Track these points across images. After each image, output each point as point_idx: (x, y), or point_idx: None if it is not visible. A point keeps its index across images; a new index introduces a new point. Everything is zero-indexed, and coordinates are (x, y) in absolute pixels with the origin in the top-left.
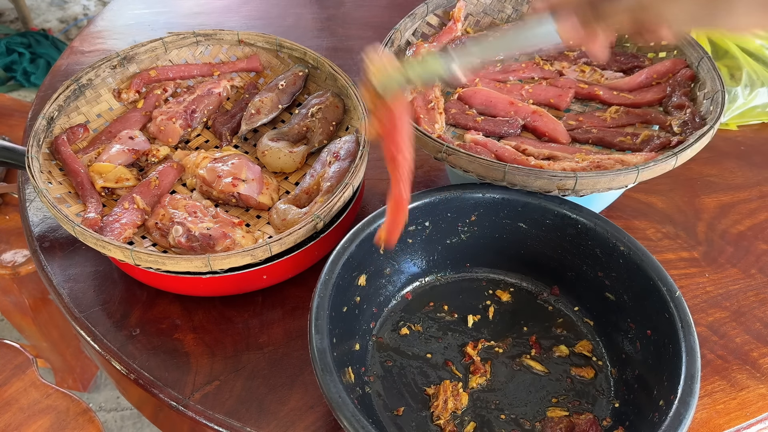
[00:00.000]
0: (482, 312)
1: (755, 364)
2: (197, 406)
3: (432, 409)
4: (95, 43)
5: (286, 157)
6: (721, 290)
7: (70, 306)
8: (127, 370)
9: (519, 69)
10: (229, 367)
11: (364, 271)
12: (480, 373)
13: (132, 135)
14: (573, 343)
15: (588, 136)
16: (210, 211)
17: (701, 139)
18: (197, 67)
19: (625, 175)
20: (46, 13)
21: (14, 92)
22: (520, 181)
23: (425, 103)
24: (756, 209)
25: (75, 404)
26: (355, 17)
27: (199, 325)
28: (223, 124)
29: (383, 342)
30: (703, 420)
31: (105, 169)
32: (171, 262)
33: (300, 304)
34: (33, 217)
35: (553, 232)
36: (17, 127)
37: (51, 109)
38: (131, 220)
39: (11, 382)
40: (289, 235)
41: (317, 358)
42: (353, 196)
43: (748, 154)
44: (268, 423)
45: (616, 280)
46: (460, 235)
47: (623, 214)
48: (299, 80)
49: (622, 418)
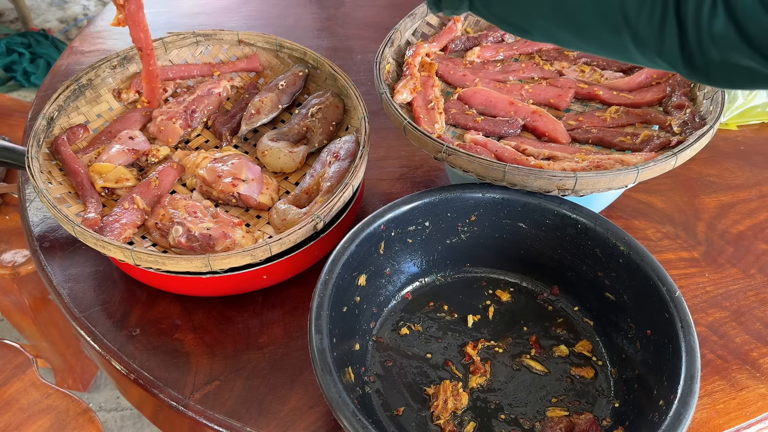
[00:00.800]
0: (482, 312)
1: (755, 364)
2: (197, 406)
3: (432, 409)
4: (95, 43)
5: (286, 157)
6: (721, 290)
7: (70, 306)
8: (127, 370)
9: (519, 69)
10: (229, 367)
11: (364, 271)
12: (480, 373)
13: (132, 135)
14: (573, 343)
15: (588, 136)
16: (210, 211)
17: (701, 139)
18: (197, 67)
19: (625, 175)
20: (46, 13)
21: (14, 92)
22: (520, 181)
23: (425, 103)
24: (756, 209)
25: (75, 404)
26: (355, 17)
27: (199, 325)
28: (223, 124)
29: (383, 342)
30: (703, 420)
31: (105, 169)
32: (171, 262)
33: (300, 304)
34: (33, 217)
35: (553, 232)
36: (17, 127)
37: (51, 109)
38: (131, 220)
39: (11, 382)
40: (289, 235)
41: (317, 358)
42: (353, 196)
43: (748, 154)
44: (268, 423)
45: (616, 280)
46: (460, 235)
47: (623, 214)
48: (299, 80)
49: (622, 418)
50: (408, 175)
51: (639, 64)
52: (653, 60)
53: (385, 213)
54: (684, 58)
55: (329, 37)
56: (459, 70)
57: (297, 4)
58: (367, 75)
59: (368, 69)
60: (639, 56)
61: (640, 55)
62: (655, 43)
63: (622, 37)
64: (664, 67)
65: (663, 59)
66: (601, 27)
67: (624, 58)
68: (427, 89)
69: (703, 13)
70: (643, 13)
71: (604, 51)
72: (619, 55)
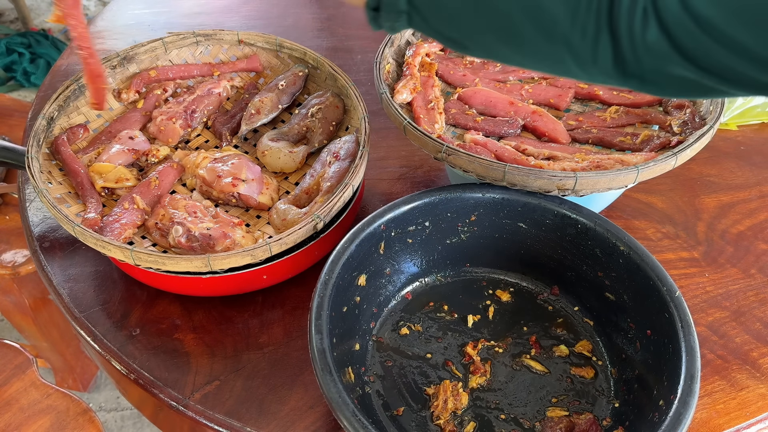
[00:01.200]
0: (482, 312)
1: (755, 364)
2: (197, 406)
3: (432, 409)
4: (95, 43)
5: (286, 157)
6: (721, 290)
7: (70, 306)
8: (127, 370)
9: (519, 69)
10: (229, 367)
11: (364, 271)
12: (480, 373)
13: (132, 135)
14: (573, 343)
15: (588, 136)
16: (210, 211)
17: (701, 139)
18: (197, 67)
19: (625, 174)
20: (46, 13)
21: (14, 92)
22: (519, 181)
23: (425, 103)
24: (756, 209)
25: (75, 404)
26: (355, 17)
27: (199, 325)
28: (223, 124)
29: (383, 342)
30: (703, 420)
31: (105, 169)
32: (171, 262)
33: (300, 304)
34: (33, 217)
35: (553, 232)
36: (17, 127)
37: (51, 109)
38: (131, 220)
39: (11, 382)
40: (289, 235)
41: (317, 358)
42: (353, 196)
43: (748, 154)
44: (268, 423)
45: (616, 280)
46: (459, 235)
47: (623, 214)
48: (299, 80)
49: (622, 418)
50: (408, 175)
51: (575, 77)
52: (588, 71)
53: (385, 213)
54: (618, 67)
55: (329, 37)
56: (459, 70)
57: (297, 4)
58: (367, 75)
59: (368, 69)
60: (575, 68)
61: (577, 67)
62: (590, 53)
63: (558, 49)
64: (598, 77)
65: (597, 68)
66: (538, 40)
67: (561, 71)
68: (427, 89)
69: (635, 24)
70: (577, 23)
71: (542, 65)
72: (557, 69)
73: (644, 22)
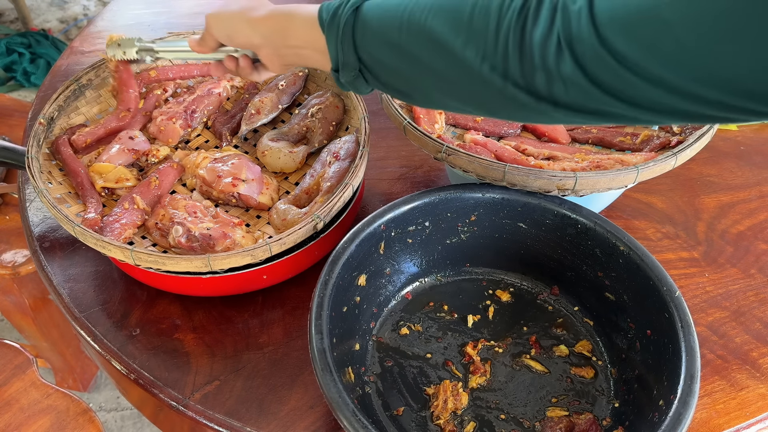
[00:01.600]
0: (482, 312)
1: (755, 364)
2: (197, 406)
3: (432, 409)
4: (95, 43)
5: (286, 157)
6: (721, 290)
7: (70, 306)
8: (127, 370)
9: None
10: (229, 367)
11: (364, 271)
12: (480, 372)
13: (132, 135)
14: (573, 343)
15: (588, 136)
16: (210, 211)
17: (701, 139)
18: (197, 67)
19: (624, 175)
20: (46, 13)
21: (14, 92)
22: (519, 181)
23: None
24: (756, 209)
25: (75, 404)
26: None
27: (199, 325)
28: (223, 124)
29: (383, 342)
30: (703, 420)
31: (105, 169)
32: (171, 262)
33: (300, 304)
34: (33, 217)
35: (553, 232)
36: (17, 127)
37: (51, 109)
38: (131, 220)
39: (11, 382)
40: (289, 235)
41: (317, 358)
42: (353, 196)
43: (748, 154)
44: (268, 423)
45: (615, 280)
46: (459, 235)
47: (623, 214)
48: (299, 80)
49: (621, 418)
50: (408, 175)
51: (522, 120)
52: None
53: (385, 213)
54: (542, 102)
55: None
56: None
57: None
58: None
59: None
60: (515, 112)
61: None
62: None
63: (487, 92)
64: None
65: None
66: (464, 85)
67: (504, 115)
68: None
69: (549, 54)
70: (485, 65)
71: (481, 110)
72: (499, 113)
73: (558, 51)
